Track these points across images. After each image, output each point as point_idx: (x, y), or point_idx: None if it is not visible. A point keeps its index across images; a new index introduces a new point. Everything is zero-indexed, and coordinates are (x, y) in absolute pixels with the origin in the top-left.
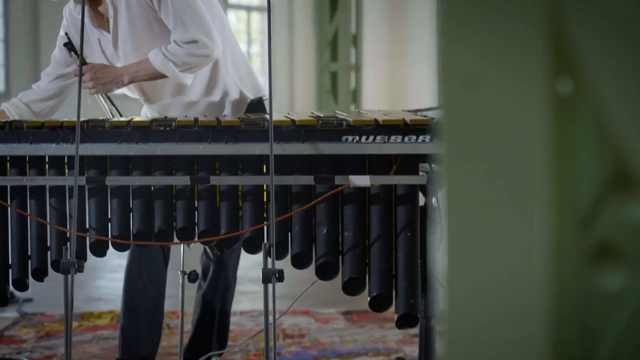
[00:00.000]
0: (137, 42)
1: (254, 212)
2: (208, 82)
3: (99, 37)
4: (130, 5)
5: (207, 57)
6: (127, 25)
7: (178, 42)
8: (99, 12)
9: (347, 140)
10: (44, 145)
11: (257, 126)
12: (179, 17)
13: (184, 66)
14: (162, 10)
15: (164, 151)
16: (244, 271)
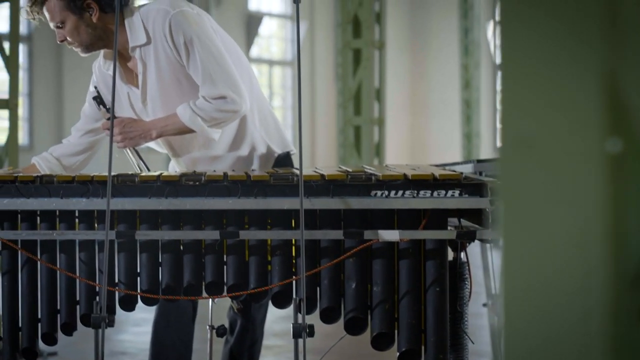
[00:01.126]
0: (166, 97)
1: (283, 266)
2: (235, 136)
3: (128, 92)
4: (159, 61)
5: (235, 112)
6: (156, 81)
7: (206, 97)
8: (128, 68)
9: (376, 195)
10: (74, 199)
11: (286, 181)
12: (208, 73)
13: (212, 121)
14: (190, 66)
15: (193, 206)
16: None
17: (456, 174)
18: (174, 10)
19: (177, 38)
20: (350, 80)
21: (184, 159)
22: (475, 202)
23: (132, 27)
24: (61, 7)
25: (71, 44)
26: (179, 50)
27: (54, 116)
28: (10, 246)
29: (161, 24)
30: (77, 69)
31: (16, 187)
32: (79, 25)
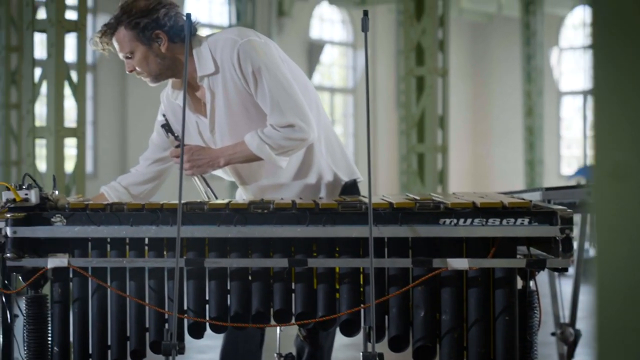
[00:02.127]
0: (234, 126)
1: (351, 294)
2: (302, 164)
3: (197, 121)
4: (228, 90)
5: (303, 140)
6: (224, 109)
7: (275, 126)
8: (196, 97)
9: (444, 223)
10: (144, 227)
11: (355, 209)
12: (276, 101)
13: (280, 149)
14: (258, 95)
15: (262, 233)
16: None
17: (525, 202)
18: (242, 39)
19: (245, 67)
20: (414, 108)
21: (251, 186)
22: (545, 231)
23: (200, 56)
24: (130, 38)
25: (140, 73)
26: (247, 79)
27: (118, 144)
28: (81, 273)
29: (229, 53)
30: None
31: (87, 214)
32: (148, 56)
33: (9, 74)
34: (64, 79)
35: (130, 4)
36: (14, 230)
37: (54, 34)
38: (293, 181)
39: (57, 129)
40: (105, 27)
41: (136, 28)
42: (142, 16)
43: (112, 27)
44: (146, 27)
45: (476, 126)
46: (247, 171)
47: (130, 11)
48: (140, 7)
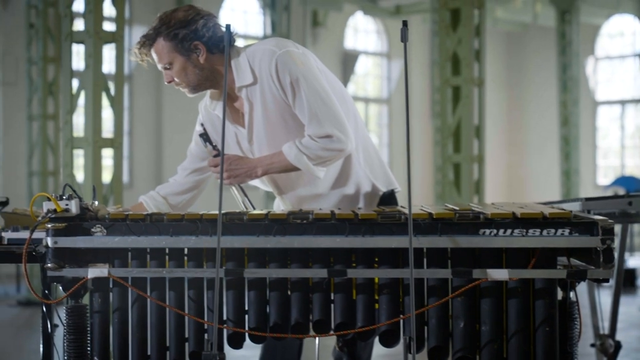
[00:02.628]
0: (272, 136)
1: (391, 305)
2: (340, 174)
3: (235, 131)
4: (266, 101)
5: (341, 151)
6: (262, 120)
7: (313, 136)
8: (234, 108)
9: (484, 233)
10: (184, 237)
11: (394, 219)
12: (314, 112)
13: (318, 160)
14: (296, 106)
15: (301, 244)
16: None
17: (566, 213)
18: (280, 50)
19: (284, 78)
20: (450, 118)
21: (289, 196)
22: (585, 241)
23: (238, 67)
24: (169, 49)
25: (179, 84)
26: (285, 90)
27: (154, 154)
28: (121, 283)
29: (267, 63)
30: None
31: (127, 225)
32: (187, 67)
33: (47, 85)
34: (101, 89)
35: (168, 15)
36: (55, 241)
37: (91, 45)
38: (331, 191)
39: (95, 139)
40: (144, 38)
41: (175, 39)
42: (181, 27)
43: (150, 38)
44: (185, 38)
45: (511, 136)
46: (285, 181)
47: (169, 22)
48: (179, 18)
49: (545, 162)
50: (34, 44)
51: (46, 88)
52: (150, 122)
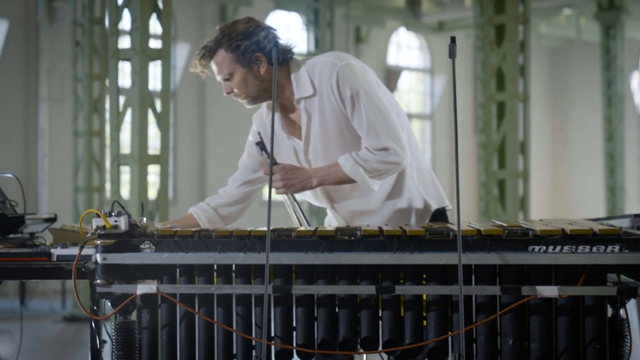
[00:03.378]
0: (328, 148)
1: (439, 322)
2: (393, 189)
3: (292, 144)
4: (324, 113)
5: (398, 165)
6: (319, 131)
7: (370, 149)
8: (290, 120)
9: (533, 250)
10: (232, 254)
11: (442, 236)
12: (372, 125)
13: (374, 172)
14: (355, 118)
15: (349, 260)
16: None
17: (616, 229)
18: (342, 62)
19: (344, 90)
20: (494, 134)
21: (341, 208)
22: (636, 258)
23: (298, 79)
24: (230, 60)
25: (238, 95)
26: (345, 102)
27: (197, 171)
28: (169, 300)
29: (328, 75)
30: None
31: (175, 241)
32: (247, 78)
33: (92, 101)
34: (147, 106)
35: (229, 27)
36: (104, 257)
37: (138, 62)
38: (383, 205)
39: (141, 156)
40: (204, 50)
41: (237, 50)
42: (243, 39)
43: (211, 50)
44: (247, 49)
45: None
46: (338, 194)
47: (230, 34)
48: (240, 30)
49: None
50: (79, 61)
51: (92, 105)
52: (194, 138)
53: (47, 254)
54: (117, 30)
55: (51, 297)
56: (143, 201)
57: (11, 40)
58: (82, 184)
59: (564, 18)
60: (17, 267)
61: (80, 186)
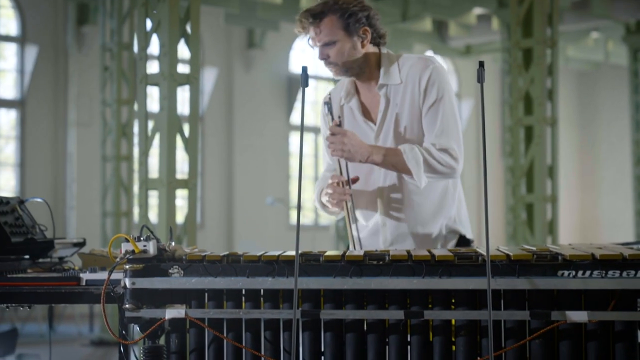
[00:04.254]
0: (398, 136)
1: (468, 347)
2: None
3: (366, 127)
4: (404, 103)
5: (453, 170)
6: (395, 119)
7: (436, 145)
8: (364, 104)
9: (563, 275)
10: (260, 278)
11: (471, 260)
12: (446, 127)
13: (430, 169)
14: (429, 116)
15: (377, 285)
16: None
17: None
18: (437, 63)
19: (432, 88)
20: (522, 157)
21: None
22: None
23: (387, 66)
24: (339, 27)
25: (331, 64)
26: (427, 99)
27: (225, 195)
28: (198, 324)
29: (421, 69)
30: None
31: (204, 266)
32: (349, 48)
33: (120, 126)
34: (176, 131)
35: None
36: (133, 282)
37: (166, 87)
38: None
39: (169, 180)
40: (310, 12)
41: (350, 18)
42: (358, 10)
43: (320, 13)
44: (359, 20)
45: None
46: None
47: (346, 2)
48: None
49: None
50: (108, 86)
51: (120, 129)
52: (221, 162)
53: (76, 278)
54: (146, 55)
55: (79, 321)
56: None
57: (40, 65)
58: (110, 208)
59: (592, 41)
60: (46, 292)
61: (109, 210)
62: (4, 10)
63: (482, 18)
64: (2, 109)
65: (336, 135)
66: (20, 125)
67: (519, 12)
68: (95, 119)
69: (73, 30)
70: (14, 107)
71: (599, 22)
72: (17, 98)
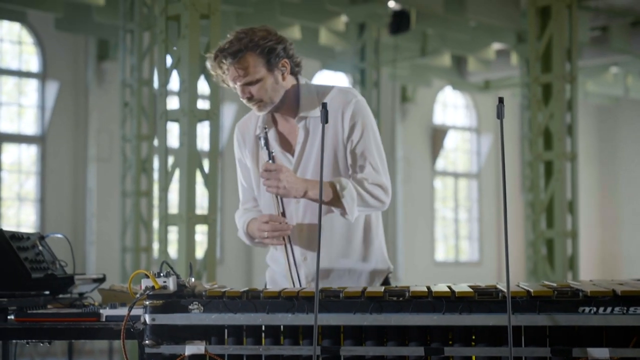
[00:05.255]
0: (317, 169)
1: None
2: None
3: (283, 159)
4: (325, 136)
5: (383, 205)
6: (315, 152)
7: (368, 180)
8: (281, 134)
9: (584, 311)
10: (280, 315)
11: (491, 297)
12: (375, 162)
13: (363, 204)
14: (356, 150)
15: (397, 321)
16: None
17: None
18: (358, 97)
19: (356, 121)
20: (542, 193)
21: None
22: None
23: (305, 98)
24: (259, 64)
25: (254, 100)
26: (353, 133)
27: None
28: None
29: (342, 104)
30: None
31: (224, 302)
32: (271, 83)
33: (140, 162)
34: (195, 167)
35: (252, 32)
36: (153, 318)
37: (186, 123)
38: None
39: (189, 216)
40: (226, 52)
41: (270, 54)
42: (276, 43)
43: (237, 52)
44: (278, 54)
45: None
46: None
47: (257, 38)
48: (266, 36)
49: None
50: (128, 121)
51: (139, 165)
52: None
53: (96, 314)
54: (166, 91)
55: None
56: (191, 261)
57: (61, 101)
58: (130, 243)
59: (611, 76)
60: (66, 327)
61: (128, 246)
62: (26, 47)
63: (501, 53)
64: (23, 144)
65: (271, 171)
66: (40, 160)
67: (538, 47)
68: (115, 155)
69: (93, 66)
70: (35, 143)
71: (618, 57)
72: (37, 134)
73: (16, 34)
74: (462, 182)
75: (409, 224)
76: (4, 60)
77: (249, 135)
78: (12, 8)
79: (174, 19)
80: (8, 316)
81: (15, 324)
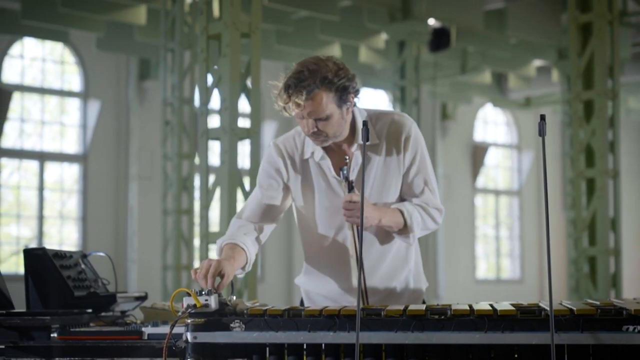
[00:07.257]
0: (386, 192)
1: None
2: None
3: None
4: (388, 161)
5: (438, 226)
6: (380, 176)
7: (429, 204)
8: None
9: (627, 329)
10: (322, 333)
11: (534, 315)
12: (432, 186)
13: (424, 228)
14: (412, 174)
15: (439, 340)
16: None
17: None
18: (414, 124)
19: (414, 147)
20: (584, 210)
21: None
22: None
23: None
24: (332, 101)
25: (319, 135)
26: (409, 159)
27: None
28: None
29: (398, 130)
30: None
31: (265, 320)
32: (339, 119)
33: (181, 180)
34: (236, 185)
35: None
36: (194, 336)
37: (227, 141)
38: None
39: None
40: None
41: (343, 91)
42: (347, 81)
43: (311, 88)
44: (350, 91)
45: None
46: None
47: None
48: (338, 72)
49: None
50: (169, 140)
51: (180, 183)
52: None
53: (138, 332)
54: (207, 110)
55: None
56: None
57: (103, 119)
58: (171, 261)
59: None
60: (108, 346)
61: (169, 264)
62: (68, 67)
63: (541, 70)
64: (65, 163)
65: (355, 202)
66: (82, 179)
67: (579, 64)
68: (156, 173)
69: (135, 85)
70: (77, 162)
71: None
72: (79, 152)
73: (59, 53)
74: (503, 199)
75: (450, 242)
76: (47, 80)
77: (297, 156)
78: (54, 28)
79: (215, 37)
80: (51, 334)
81: (58, 342)
